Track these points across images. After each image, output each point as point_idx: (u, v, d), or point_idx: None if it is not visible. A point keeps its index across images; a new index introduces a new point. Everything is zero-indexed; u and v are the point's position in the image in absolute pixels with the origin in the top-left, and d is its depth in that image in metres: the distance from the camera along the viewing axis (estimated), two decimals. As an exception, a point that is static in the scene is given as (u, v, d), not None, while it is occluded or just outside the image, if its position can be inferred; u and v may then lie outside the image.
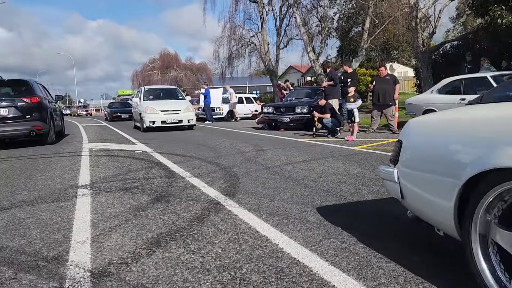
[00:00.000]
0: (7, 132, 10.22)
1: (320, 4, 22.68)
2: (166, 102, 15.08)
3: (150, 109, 14.29)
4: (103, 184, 5.16)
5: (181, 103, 15.21)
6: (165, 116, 14.21)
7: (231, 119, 21.52)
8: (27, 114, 10.26)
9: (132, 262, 2.58)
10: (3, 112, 10.06)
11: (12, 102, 10.22)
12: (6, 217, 3.80)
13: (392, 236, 2.94)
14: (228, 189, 4.59)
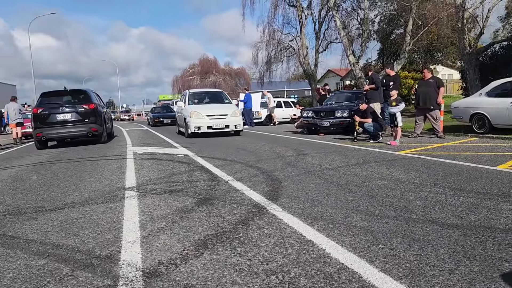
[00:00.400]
0: (70, 133, 12.51)
1: (361, 6, 22.32)
2: (212, 106, 14.29)
3: (195, 113, 13.43)
4: (148, 187, 5.31)
5: (227, 107, 14.24)
6: (211, 121, 13.35)
7: (270, 124, 21.55)
8: (85, 118, 12.39)
9: (181, 263, 2.64)
10: (67, 117, 12.29)
11: (73, 108, 12.43)
12: (60, 217, 3.98)
13: (444, 244, 2.84)
14: (270, 193, 4.59)
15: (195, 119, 13.35)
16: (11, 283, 2.46)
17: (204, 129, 13.27)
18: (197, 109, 13.72)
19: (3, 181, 6.58)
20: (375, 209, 3.78)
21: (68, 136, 12.88)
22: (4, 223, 3.87)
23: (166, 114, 28.44)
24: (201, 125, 13.25)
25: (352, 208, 3.84)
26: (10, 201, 4.89)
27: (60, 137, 12.77)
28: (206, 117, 13.35)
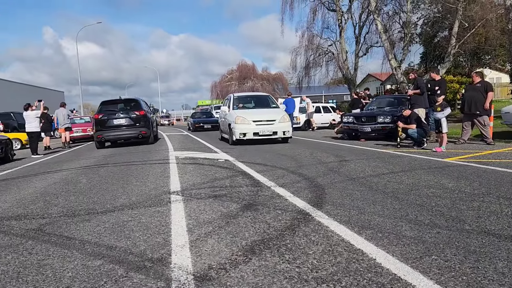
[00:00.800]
0: (124, 135, 14.98)
1: (403, 9, 21.87)
2: (259, 111, 13.27)
3: (240, 119, 12.36)
4: (193, 191, 5.41)
5: (275, 112, 13.10)
6: (257, 127, 12.24)
7: (308, 129, 21.43)
8: (137, 122, 14.84)
9: (231, 268, 2.67)
10: (122, 121, 14.78)
11: (127, 114, 14.93)
12: (111, 219, 4.13)
13: (502, 257, 2.72)
14: (315, 200, 4.56)
15: (240, 125, 12.31)
16: (71, 282, 2.58)
17: (250, 135, 12.24)
18: (243, 114, 12.61)
19: (56, 183, 6.90)
20: (425, 218, 3.67)
21: (123, 138, 15.17)
22: (60, 224, 4.06)
23: (206, 119, 27.97)
24: (247, 132, 12.22)
25: (400, 216, 3.75)
26: (64, 203, 5.12)
27: (116, 138, 15.09)
28: (252, 122, 12.27)
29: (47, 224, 4.10)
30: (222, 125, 15.29)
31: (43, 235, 3.71)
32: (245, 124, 12.31)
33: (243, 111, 13.36)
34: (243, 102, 14.41)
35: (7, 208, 5.07)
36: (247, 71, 51.38)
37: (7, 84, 43.83)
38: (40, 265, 2.92)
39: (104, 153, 12.87)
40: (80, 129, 20.78)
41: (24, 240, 3.60)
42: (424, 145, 9.82)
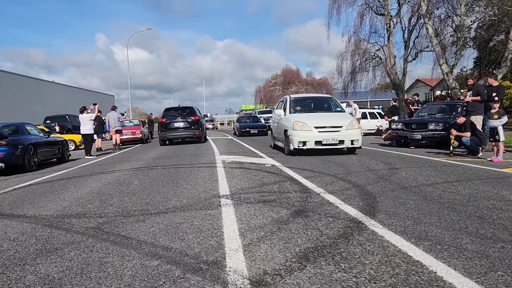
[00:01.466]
0: (182, 135, 18.80)
1: (456, 13, 21.04)
2: (322, 116, 11.38)
3: (300, 124, 10.49)
4: (242, 195, 5.45)
5: (342, 117, 11.12)
6: (320, 135, 10.32)
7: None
8: (192, 125, 18.63)
9: (286, 274, 2.66)
10: (181, 124, 18.66)
11: (184, 119, 18.75)
12: (165, 221, 4.24)
13: None
14: (366, 208, 4.47)
15: (299, 132, 10.43)
16: (131, 280, 2.67)
17: (311, 144, 10.32)
18: (302, 119, 10.71)
19: (109, 184, 7.18)
20: (487, 231, 3.50)
21: (181, 137, 18.96)
22: (116, 224, 4.21)
23: (253, 124, 27.23)
24: (307, 140, 10.30)
25: (459, 229, 3.60)
26: (119, 203, 5.32)
27: (176, 138, 18.90)
28: (314, 129, 10.38)
29: (104, 223, 4.27)
30: (275, 131, 13.34)
31: (102, 234, 3.86)
32: (305, 131, 10.40)
33: (302, 115, 11.30)
34: (301, 104, 12.32)
35: (66, 207, 5.33)
36: (291, 76, 51.40)
37: (63, 88, 46.31)
38: (102, 263, 3.04)
39: (152, 155, 13.27)
40: (129, 132, 21.54)
41: (84, 238, 3.77)
42: (479, 154, 9.38)
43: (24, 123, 12.18)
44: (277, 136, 12.77)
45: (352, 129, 10.53)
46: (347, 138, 10.38)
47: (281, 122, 11.93)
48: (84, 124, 14.64)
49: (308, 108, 12.40)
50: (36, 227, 4.29)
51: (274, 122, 13.45)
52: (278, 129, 12.49)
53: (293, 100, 12.45)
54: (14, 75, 35.71)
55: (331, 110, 12.23)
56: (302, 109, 11.92)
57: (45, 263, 3.12)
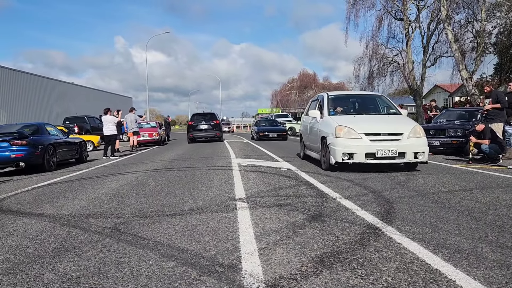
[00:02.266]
0: (206, 135, 23.44)
1: (477, 18, 20.73)
2: (373, 119, 8.77)
3: (345, 130, 7.92)
4: (257, 199, 5.45)
5: (400, 121, 8.48)
6: (373, 145, 7.73)
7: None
8: (214, 128, 23.36)
9: (302, 279, 2.64)
10: (205, 126, 23.31)
11: (208, 122, 23.47)
12: (181, 222, 4.27)
13: None
14: (383, 214, 4.42)
15: (344, 140, 7.82)
16: (148, 281, 2.69)
17: (360, 157, 7.72)
18: (348, 123, 8.10)
19: (126, 184, 7.26)
20: (507, 241, 3.42)
21: (205, 137, 23.57)
22: (133, 224, 4.25)
23: (272, 127, 25.90)
24: (356, 151, 7.72)
25: (479, 237, 3.53)
26: (135, 204, 5.37)
27: (201, 137, 23.57)
28: (364, 136, 7.80)
29: (121, 224, 4.31)
30: (306, 137, 10.65)
31: (119, 234, 3.90)
32: (353, 139, 7.78)
33: (347, 117, 8.67)
34: (342, 104, 9.76)
35: (84, 206, 5.40)
36: (308, 80, 51.28)
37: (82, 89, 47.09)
38: (118, 263, 3.07)
39: (169, 157, 13.37)
40: (147, 134, 21.75)
41: (102, 237, 3.82)
42: (499, 162, 9.20)
43: (44, 123, 12.41)
44: (310, 144, 10.03)
45: (416, 138, 7.90)
46: (409, 150, 7.72)
47: (317, 127, 9.25)
48: (107, 125, 14.84)
49: (351, 108, 9.87)
50: (54, 226, 4.36)
51: (306, 126, 10.67)
52: (312, 136, 9.76)
53: (332, 98, 9.69)
54: (35, 76, 36.47)
55: (379, 112, 9.62)
56: (344, 111, 9.34)
57: (63, 262, 3.16)
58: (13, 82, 31.90)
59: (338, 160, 7.83)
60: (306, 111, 11.20)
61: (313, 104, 10.82)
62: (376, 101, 10.09)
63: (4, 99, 30.42)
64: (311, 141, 9.99)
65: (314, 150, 9.74)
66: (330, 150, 8.06)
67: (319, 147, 8.92)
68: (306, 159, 10.71)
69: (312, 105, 10.79)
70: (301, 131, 11.69)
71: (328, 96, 9.76)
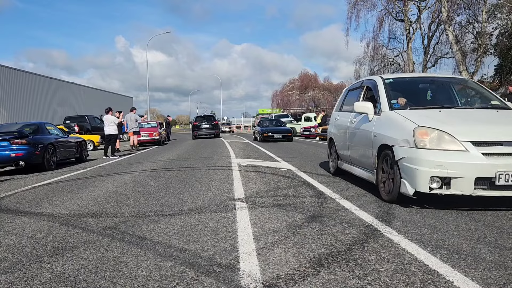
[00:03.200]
0: (207, 133, 29.32)
1: (478, 19, 20.73)
2: (473, 116, 5.26)
3: (433, 136, 4.56)
4: (256, 199, 5.45)
5: None
6: (492, 162, 4.27)
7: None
8: (214, 127, 29.56)
9: (299, 279, 2.64)
10: (206, 126, 29.38)
11: (209, 123, 29.61)
12: (180, 222, 4.27)
13: None
14: (382, 215, 4.41)
15: (434, 154, 4.49)
16: (145, 280, 2.69)
17: (465, 185, 4.34)
18: (434, 123, 4.76)
19: (126, 184, 7.27)
20: (506, 242, 3.42)
21: (206, 134, 29.38)
22: (132, 224, 4.26)
23: (276, 128, 23.86)
24: (457, 173, 4.33)
25: (477, 238, 3.52)
26: (135, 204, 5.38)
27: (202, 134, 29.32)
28: (471, 147, 4.42)
29: (120, 223, 4.31)
30: (343, 143, 7.15)
31: (117, 233, 3.90)
32: (450, 152, 4.47)
33: (427, 113, 5.26)
34: (407, 92, 6.21)
35: (83, 206, 5.41)
36: (309, 81, 51.25)
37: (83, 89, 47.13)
38: (116, 262, 3.07)
39: (169, 157, 13.38)
40: (147, 133, 21.76)
41: (100, 237, 3.82)
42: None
43: (45, 122, 12.43)
44: (352, 155, 6.60)
45: None
46: None
47: (368, 129, 5.80)
48: (108, 125, 14.85)
49: (422, 99, 6.33)
50: (53, 225, 4.36)
51: (342, 127, 7.21)
52: (357, 143, 6.35)
53: (390, 83, 6.15)
54: (35, 76, 36.52)
55: (472, 105, 6.38)
56: (410, 103, 5.68)
57: (61, 261, 3.16)
58: (13, 81, 31.94)
59: (422, 188, 4.50)
60: (340, 106, 7.98)
61: (353, 94, 7.36)
62: (449, 86, 6.49)
63: (5, 98, 30.46)
64: (355, 151, 6.44)
65: (360, 165, 6.24)
66: (404, 170, 4.70)
67: (373, 162, 5.50)
68: (340, 174, 7.51)
69: (352, 95, 7.37)
70: (331, 134, 8.06)
71: (384, 80, 6.08)
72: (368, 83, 6.74)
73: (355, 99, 6.84)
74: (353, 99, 7.01)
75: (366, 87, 6.75)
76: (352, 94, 7.50)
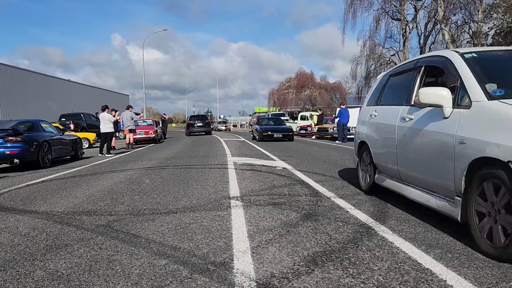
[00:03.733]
0: (199, 130, 33.15)
1: (474, 19, 20.81)
2: None
3: None
4: (252, 197, 5.44)
5: None
6: None
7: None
8: (206, 125, 33.59)
9: (293, 278, 2.64)
10: (199, 124, 33.35)
11: (201, 121, 33.84)
12: (174, 221, 4.26)
13: None
14: (377, 214, 4.42)
15: None
16: (139, 279, 2.68)
17: None
18: None
19: (121, 182, 7.24)
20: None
21: (199, 132, 32.81)
22: (126, 222, 4.24)
23: (276, 127, 22.55)
24: None
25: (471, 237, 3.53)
26: (129, 202, 5.36)
27: (196, 131, 32.80)
28: None
29: (115, 221, 4.30)
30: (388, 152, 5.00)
31: (111, 232, 3.89)
32: None
33: None
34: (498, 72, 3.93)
35: (78, 204, 5.38)
36: (305, 80, 51.25)
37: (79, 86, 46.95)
38: (110, 260, 3.06)
39: (165, 155, 13.35)
40: (143, 131, 21.70)
41: (94, 235, 3.80)
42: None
43: (40, 120, 12.36)
44: (406, 169, 4.56)
45: None
46: None
47: (443, 130, 3.72)
48: (103, 123, 14.80)
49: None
50: (47, 223, 4.34)
51: (384, 127, 5.24)
52: (417, 150, 4.27)
53: (475, 59, 3.94)
54: (31, 73, 36.32)
55: None
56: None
57: (55, 259, 3.15)
58: (8, 78, 31.76)
59: None
60: (376, 97, 5.87)
61: (399, 80, 5.35)
62: None
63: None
64: (412, 164, 4.40)
65: (421, 186, 4.27)
66: None
67: (455, 185, 3.50)
68: (378, 192, 5.48)
69: (397, 82, 5.39)
70: (363, 136, 5.98)
71: (463, 56, 4.00)
72: (429, 62, 4.62)
73: (407, 86, 4.79)
74: (403, 86, 5.02)
75: (424, 68, 4.63)
76: (397, 81, 5.42)
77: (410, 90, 4.63)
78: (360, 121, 6.43)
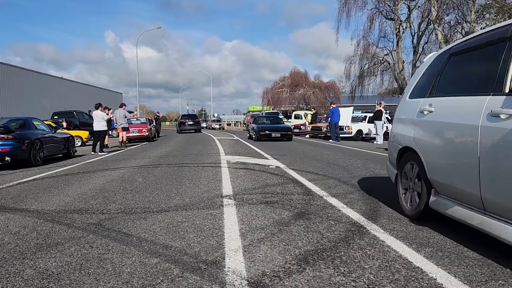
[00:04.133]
0: (190, 129, 36.07)
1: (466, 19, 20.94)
2: None
3: None
4: (244, 196, 5.44)
5: None
6: None
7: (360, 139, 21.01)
8: (196, 124, 37.00)
9: (284, 276, 2.64)
10: (190, 122, 36.54)
11: (192, 120, 37.33)
12: (166, 219, 4.24)
13: None
14: (369, 212, 4.44)
15: None
16: (130, 277, 2.67)
17: None
18: None
19: (113, 181, 7.21)
20: (489, 239, 3.45)
21: (189, 129, 35.59)
22: (118, 221, 4.22)
23: (274, 126, 21.38)
24: None
25: (462, 236, 3.56)
26: (121, 200, 5.33)
27: (186, 129, 35.58)
28: None
29: (106, 220, 4.28)
30: (467, 165, 3.16)
31: (103, 230, 3.87)
32: None
33: None
34: None
35: (69, 202, 5.35)
36: (299, 79, 51.24)
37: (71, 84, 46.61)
38: (101, 259, 3.04)
39: (158, 153, 13.30)
40: (136, 130, 21.59)
41: (85, 233, 3.78)
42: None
43: (32, 118, 12.25)
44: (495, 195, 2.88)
45: None
46: None
47: None
48: (97, 121, 14.71)
49: None
50: (38, 222, 4.31)
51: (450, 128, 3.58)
52: None
53: None
54: (23, 70, 36.00)
55: None
56: None
57: (45, 258, 3.12)
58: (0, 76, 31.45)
59: None
60: (428, 87, 4.30)
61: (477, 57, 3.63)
62: None
63: (-8, 93, 30.00)
64: (508, 189, 2.70)
65: None
66: None
67: None
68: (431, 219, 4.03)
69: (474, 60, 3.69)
70: (408, 141, 4.32)
71: None
72: None
73: (492, 65, 3.18)
74: (483, 66, 3.49)
75: None
76: (469, 60, 3.79)
77: (501, 70, 3.01)
78: (401, 119, 4.75)
